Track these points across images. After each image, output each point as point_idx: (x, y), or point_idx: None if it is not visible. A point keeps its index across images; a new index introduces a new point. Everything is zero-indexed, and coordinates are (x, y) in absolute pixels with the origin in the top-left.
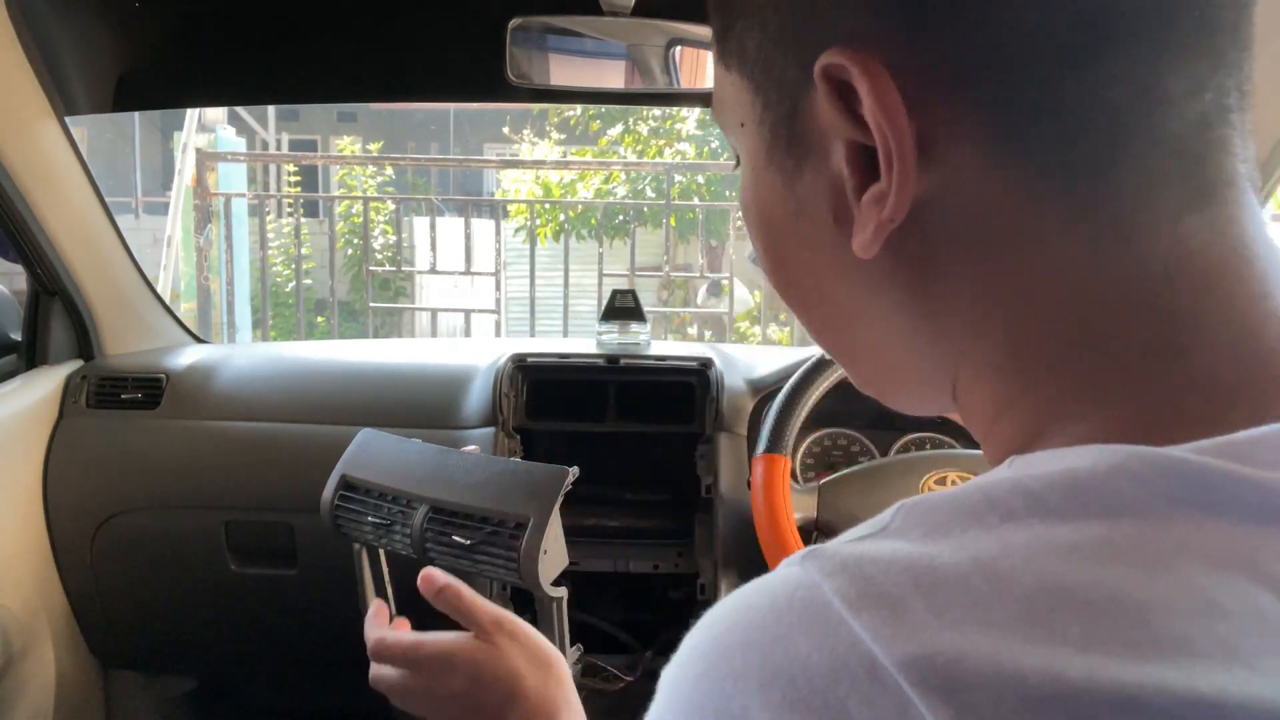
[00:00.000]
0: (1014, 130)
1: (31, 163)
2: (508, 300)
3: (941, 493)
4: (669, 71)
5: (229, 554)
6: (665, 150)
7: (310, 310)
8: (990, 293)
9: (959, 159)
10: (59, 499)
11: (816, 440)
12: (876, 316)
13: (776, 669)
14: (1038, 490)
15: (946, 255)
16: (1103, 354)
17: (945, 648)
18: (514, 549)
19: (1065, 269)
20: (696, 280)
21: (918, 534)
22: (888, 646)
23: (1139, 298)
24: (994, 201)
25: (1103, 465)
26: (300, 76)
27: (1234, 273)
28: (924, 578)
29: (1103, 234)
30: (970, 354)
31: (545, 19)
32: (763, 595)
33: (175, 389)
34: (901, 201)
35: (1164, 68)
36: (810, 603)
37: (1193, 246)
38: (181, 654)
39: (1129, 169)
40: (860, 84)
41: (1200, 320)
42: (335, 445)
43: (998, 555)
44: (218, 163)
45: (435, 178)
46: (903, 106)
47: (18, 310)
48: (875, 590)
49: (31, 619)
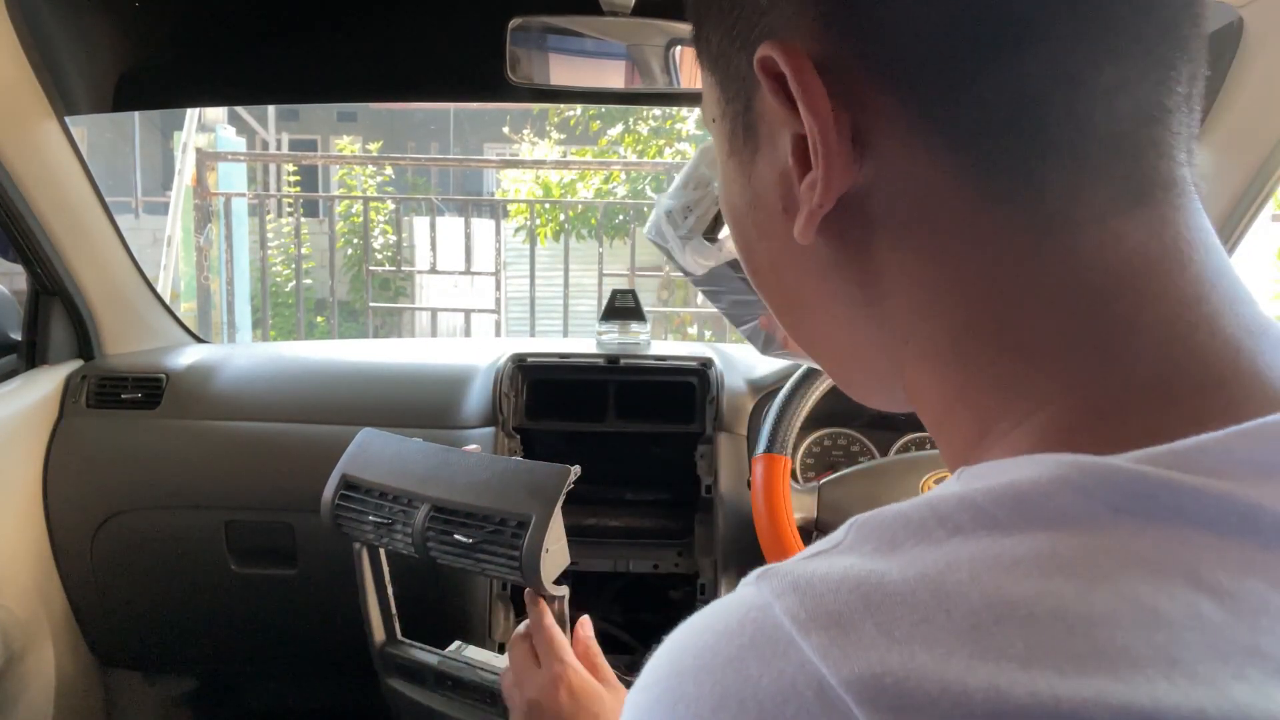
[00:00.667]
0: (939, 122)
1: (31, 163)
2: (508, 300)
3: (893, 507)
4: (669, 71)
5: (229, 554)
6: (665, 150)
7: (310, 310)
8: (928, 282)
9: (891, 150)
10: (59, 499)
11: (816, 440)
12: (827, 304)
13: (726, 692)
14: (983, 504)
15: (886, 244)
16: (1037, 351)
17: (893, 667)
18: (516, 548)
19: (997, 261)
20: None
21: (869, 550)
22: (836, 667)
23: (1069, 295)
24: (926, 192)
25: (1045, 477)
26: (300, 76)
27: (1167, 274)
28: (874, 595)
29: (1031, 228)
30: (914, 341)
31: (545, 19)
32: (718, 617)
33: (175, 389)
34: (830, 188)
35: (1088, 61)
36: (761, 624)
37: (1125, 246)
38: (181, 654)
39: (1057, 163)
40: (787, 73)
41: (1133, 322)
42: (335, 445)
43: (945, 570)
44: (218, 163)
45: (435, 177)
46: (825, 95)
47: (18, 310)
48: (825, 609)
49: (31, 619)
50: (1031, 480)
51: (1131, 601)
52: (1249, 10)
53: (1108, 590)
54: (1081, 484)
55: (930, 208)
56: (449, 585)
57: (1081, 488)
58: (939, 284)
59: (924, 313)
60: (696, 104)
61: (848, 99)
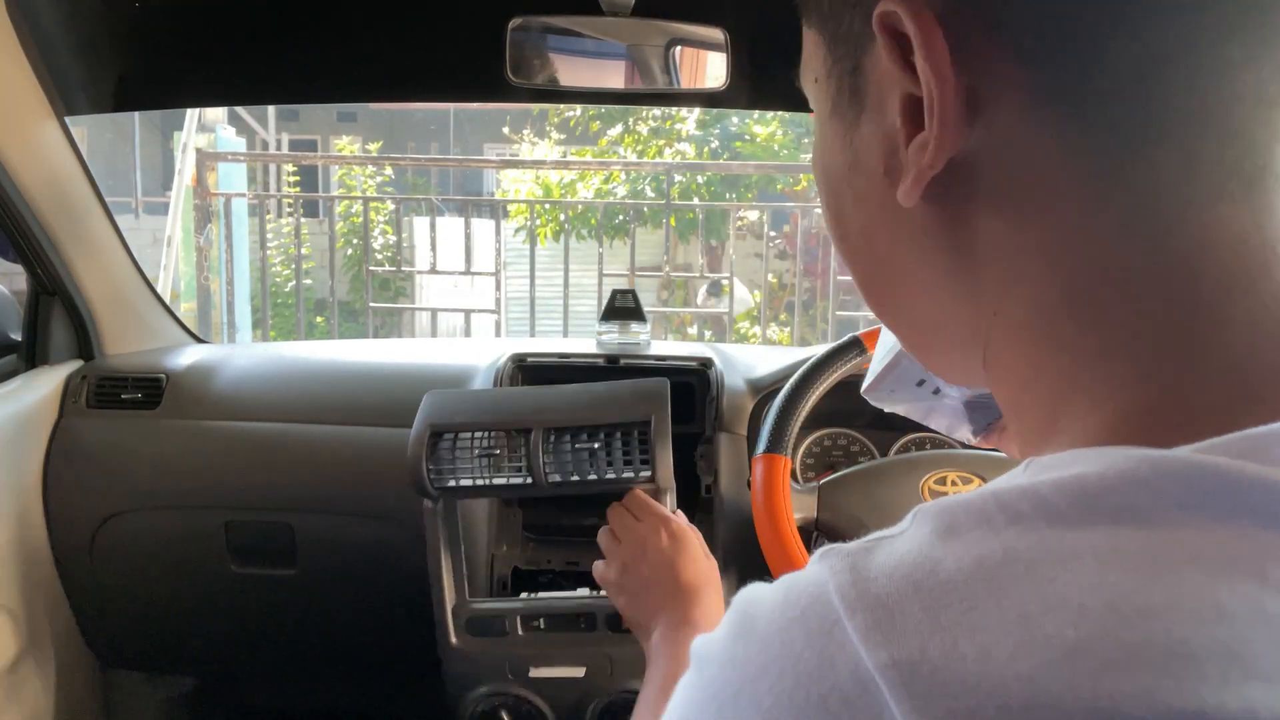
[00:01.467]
0: (1058, 90)
1: (31, 163)
2: (508, 300)
3: (957, 496)
4: (669, 71)
5: (229, 554)
6: (665, 150)
7: (310, 310)
8: (1023, 252)
9: (1004, 116)
10: (59, 499)
11: (816, 440)
12: (916, 271)
13: (770, 660)
14: (1047, 495)
15: (985, 211)
16: (1119, 333)
17: (932, 655)
18: (646, 449)
19: (1095, 237)
20: (696, 280)
21: (927, 533)
22: (874, 651)
23: (1160, 279)
24: (1034, 161)
25: (1113, 471)
26: (300, 76)
27: (1262, 267)
28: (925, 581)
29: (1137, 207)
30: (1002, 314)
31: (545, 19)
32: (784, 586)
33: (175, 389)
34: (941, 149)
35: (1215, 33)
36: (814, 599)
37: (1227, 234)
38: (181, 654)
39: (1172, 141)
40: (910, 30)
41: (1221, 313)
42: (335, 445)
43: (1001, 560)
44: (218, 163)
45: (435, 178)
46: (948, 55)
47: (18, 310)
48: (874, 591)
49: (31, 619)
50: (1098, 474)
51: (1193, 597)
52: None
53: (1168, 584)
54: (1149, 479)
55: (1035, 177)
56: None
57: (1148, 483)
58: (1034, 256)
59: (1015, 285)
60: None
61: (966, 62)
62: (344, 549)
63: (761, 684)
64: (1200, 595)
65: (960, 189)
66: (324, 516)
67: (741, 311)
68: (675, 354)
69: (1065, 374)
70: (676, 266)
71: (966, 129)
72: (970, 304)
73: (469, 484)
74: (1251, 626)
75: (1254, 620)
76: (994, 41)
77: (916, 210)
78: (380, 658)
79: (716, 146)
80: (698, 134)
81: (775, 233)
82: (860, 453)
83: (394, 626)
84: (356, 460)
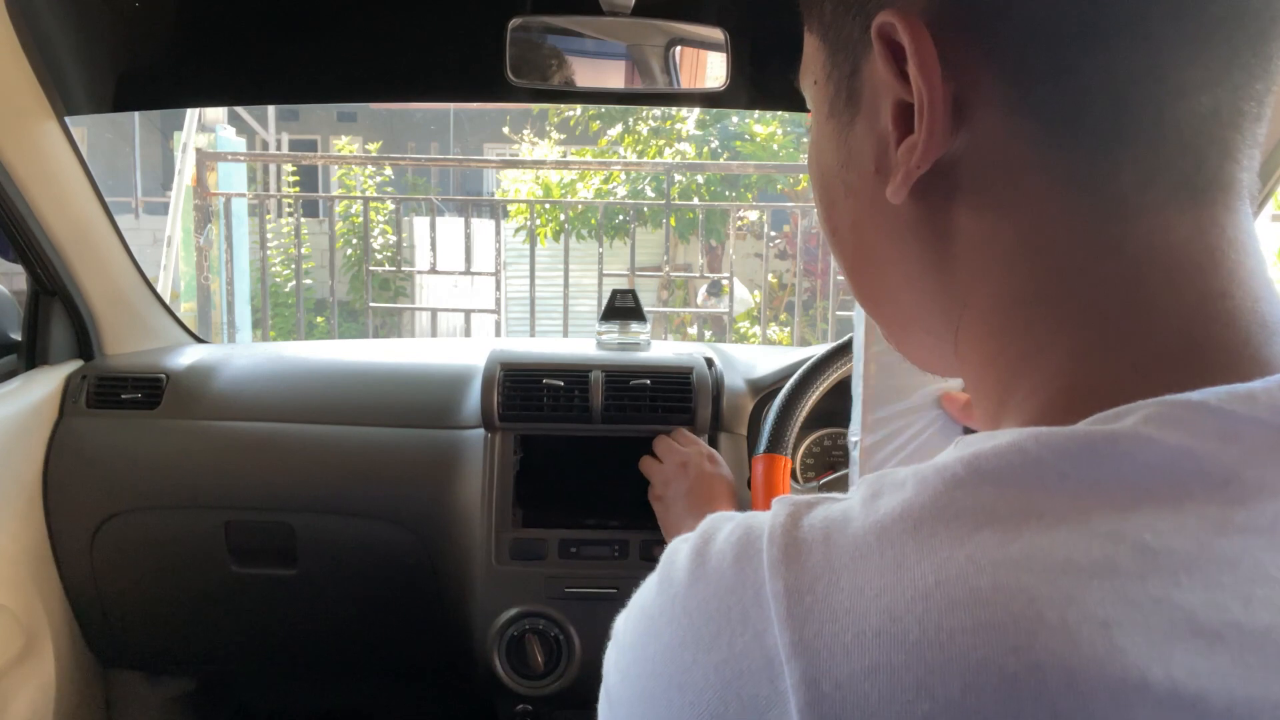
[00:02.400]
0: (1038, 102)
1: (31, 163)
2: (508, 300)
3: (897, 469)
4: (669, 71)
5: (229, 554)
6: (665, 150)
7: (310, 310)
8: (994, 250)
9: (986, 124)
10: (59, 499)
11: (816, 440)
12: (899, 263)
13: (707, 573)
14: (951, 464)
15: (964, 211)
16: (1068, 325)
17: (819, 587)
18: (688, 395)
19: (1058, 236)
20: (696, 280)
21: (858, 499)
22: (775, 578)
23: (1108, 275)
24: (1011, 165)
25: (1005, 443)
26: (300, 76)
27: (1199, 269)
28: (835, 532)
29: (1096, 210)
30: (970, 306)
31: (545, 19)
32: (741, 519)
33: (175, 389)
34: (929, 152)
35: (1178, 57)
36: (752, 531)
37: (1172, 238)
38: (181, 654)
39: (1133, 152)
40: (904, 40)
41: (1157, 306)
42: (335, 445)
43: (898, 517)
44: (218, 163)
45: (435, 178)
46: (938, 64)
47: (18, 310)
48: (796, 535)
49: (31, 619)
50: (993, 447)
51: (1045, 550)
52: None
53: (1028, 540)
54: (1031, 449)
55: (1011, 181)
56: (451, 599)
57: (1029, 452)
58: (1003, 253)
59: (984, 279)
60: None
61: (954, 70)
62: (344, 549)
63: (694, 590)
64: (1052, 550)
65: (943, 189)
66: (324, 516)
67: (741, 311)
68: (675, 354)
69: (1015, 362)
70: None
71: (952, 134)
72: (945, 295)
73: (544, 415)
74: (1095, 578)
75: (1099, 573)
76: (980, 55)
77: (903, 207)
78: (380, 658)
79: (716, 146)
80: (698, 134)
81: (775, 233)
82: None
83: (394, 626)
84: (356, 460)
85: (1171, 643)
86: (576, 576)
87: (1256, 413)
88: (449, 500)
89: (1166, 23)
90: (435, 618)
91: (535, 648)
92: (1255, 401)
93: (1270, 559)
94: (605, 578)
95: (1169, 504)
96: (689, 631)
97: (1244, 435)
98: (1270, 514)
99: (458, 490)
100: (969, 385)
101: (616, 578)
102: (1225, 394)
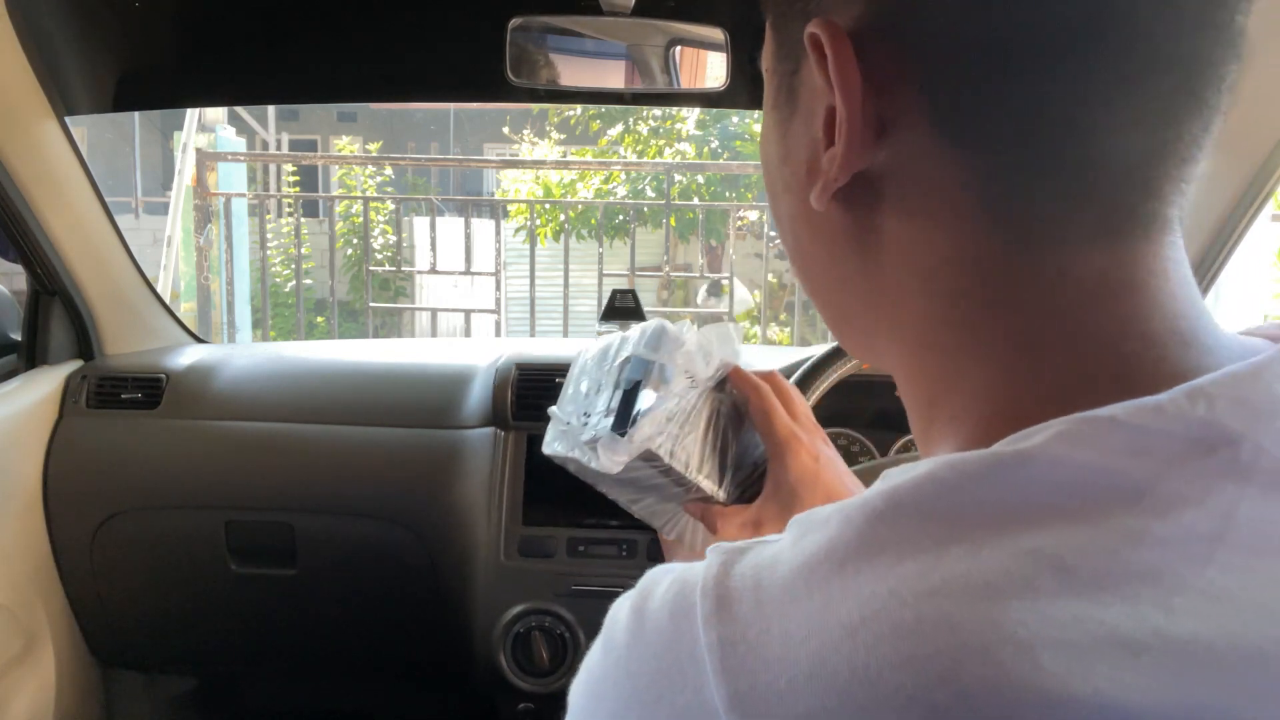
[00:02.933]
0: (956, 126)
1: (31, 163)
2: (508, 300)
3: (824, 506)
4: (669, 71)
5: (229, 554)
6: (665, 150)
7: (310, 310)
8: (917, 265)
9: (909, 141)
10: (59, 499)
11: None
12: (831, 265)
13: (646, 632)
14: (873, 499)
15: (890, 223)
16: (985, 349)
17: (750, 635)
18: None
19: (976, 263)
20: (696, 280)
21: (787, 540)
22: (708, 631)
23: (1027, 305)
24: (932, 187)
25: (923, 474)
26: (300, 76)
27: (1116, 300)
28: (765, 576)
29: (1013, 240)
30: (896, 319)
31: (545, 19)
32: (676, 572)
33: (175, 389)
34: (846, 165)
35: (1101, 96)
36: (687, 585)
37: (1090, 270)
38: (181, 654)
39: (1050, 186)
40: (827, 52)
41: (1076, 335)
42: (335, 445)
43: (824, 557)
44: (218, 163)
45: (435, 178)
46: (859, 79)
47: (18, 310)
48: (727, 584)
49: (31, 619)
50: (912, 479)
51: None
52: None
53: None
54: (947, 478)
55: (931, 199)
56: (452, 598)
57: (946, 481)
58: (928, 269)
59: (910, 293)
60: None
61: (878, 86)
62: (344, 549)
63: (634, 651)
64: (973, 575)
65: (868, 199)
66: (324, 516)
67: (741, 311)
68: None
69: (940, 380)
70: (676, 266)
71: (874, 147)
72: (873, 304)
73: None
74: (1015, 599)
75: (1019, 594)
76: (903, 73)
77: (833, 212)
78: (380, 658)
79: (716, 146)
80: (698, 134)
81: (775, 233)
82: (860, 453)
83: (394, 626)
84: (356, 460)
85: (1094, 656)
86: (584, 574)
87: (1165, 425)
88: (449, 499)
89: (1089, 60)
90: (435, 617)
91: (541, 644)
92: (1163, 413)
93: (1189, 569)
94: (613, 576)
95: (1085, 520)
96: (633, 694)
97: (1154, 448)
98: (1187, 524)
99: (459, 489)
100: (901, 392)
101: (624, 576)
102: (1133, 408)
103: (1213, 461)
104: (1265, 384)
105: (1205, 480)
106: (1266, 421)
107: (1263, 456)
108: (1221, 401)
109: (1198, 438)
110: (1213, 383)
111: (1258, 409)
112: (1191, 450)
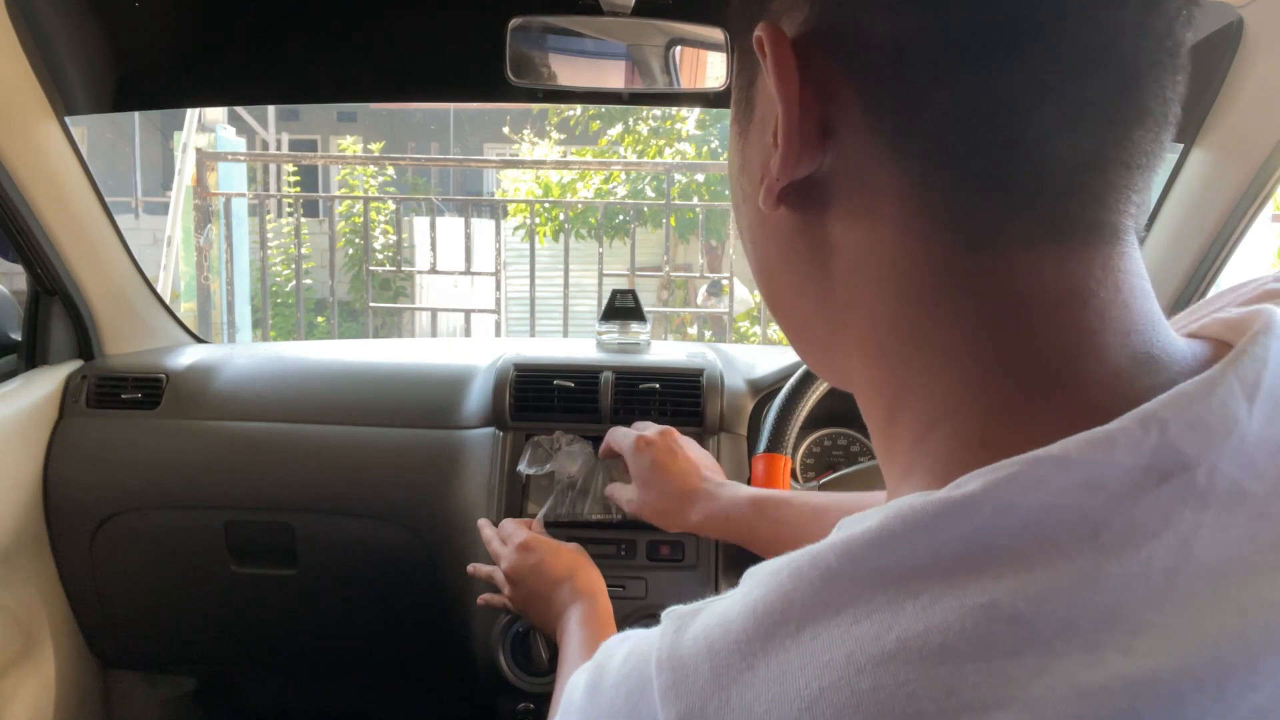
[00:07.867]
0: (891, 127)
1: (31, 163)
2: (508, 300)
3: (778, 558)
4: (669, 71)
5: (229, 554)
6: (665, 150)
7: (310, 310)
8: (866, 270)
9: (851, 146)
10: (59, 499)
11: (816, 440)
12: (785, 272)
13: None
14: (825, 553)
15: (837, 229)
16: (939, 360)
17: (710, 710)
18: (697, 398)
19: (922, 268)
20: (696, 280)
21: (739, 597)
22: (667, 708)
23: (979, 313)
24: (873, 189)
25: (875, 526)
26: (300, 76)
27: (1066, 308)
28: (718, 642)
29: (956, 245)
30: (849, 325)
31: (545, 19)
32: (629, 645)
33: (175, 389)
34: (787, 167)
35: (1032, 97)
36: (642, 659)
37: (1036, 277)
38: (181, 654)
39: (988, 189)
40: (767, 52)
41: (1029, 346)
42: (335, 445)
43: (779, 620)
44: (218, 163)
45: (435, 178)
46: (797, 81)
47: (18, 310)
48: (680, 653)
49: (31, 619)
50: (864, 531)
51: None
52: (1249, 10)
53: (903, 629)
54: (899, 532)
55: (877, 206)
56: (452, 597)
57: (898, 536)
58: (876, 276)
59: (861, 302)
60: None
61: (821, 91)
62: (344, 549)
63: None
64: (929, 635)
65: (817, 204)
66: (324, 516)
67: (741, 311)
68: (675, 354)
69: (895, 394)
70: (676, 266)
71: (818, 151)
72: (826, 311)
73: (544, 418)
74: (970, 661)
75: (975, 654)
76: (844, 73)
77: (784, 217)
78: (380, 658)
79: (716, 146)
80: (698, 134)
81: None
82: (860, 453)
83: (393, 626)
84: (356, 460)
85: (1053, 712)
86: None
87: (1116, 457)
88: (449, 499)
89: (1014, 61)
90: (435, 617)
91: (540, 644)
92: (1115, 445)
93: (1148, 606)
94: (611, 576)
95: (1040, 564)
96: None
97: (1107, 481)
98: (1144, 558)
99: (458, 489)
100: (861, 409)
101: (622, 576)
102: (1084, 442)
103: (1168, 489)
104: (1219, 401)
105: (1161, 509)
106: (1221, 441)
107: (1219, 478)
108: (1174, 426)
109: (1151, 466)
110: (1164, 405)
111: (1212, 430)
112: (1145, 480)
